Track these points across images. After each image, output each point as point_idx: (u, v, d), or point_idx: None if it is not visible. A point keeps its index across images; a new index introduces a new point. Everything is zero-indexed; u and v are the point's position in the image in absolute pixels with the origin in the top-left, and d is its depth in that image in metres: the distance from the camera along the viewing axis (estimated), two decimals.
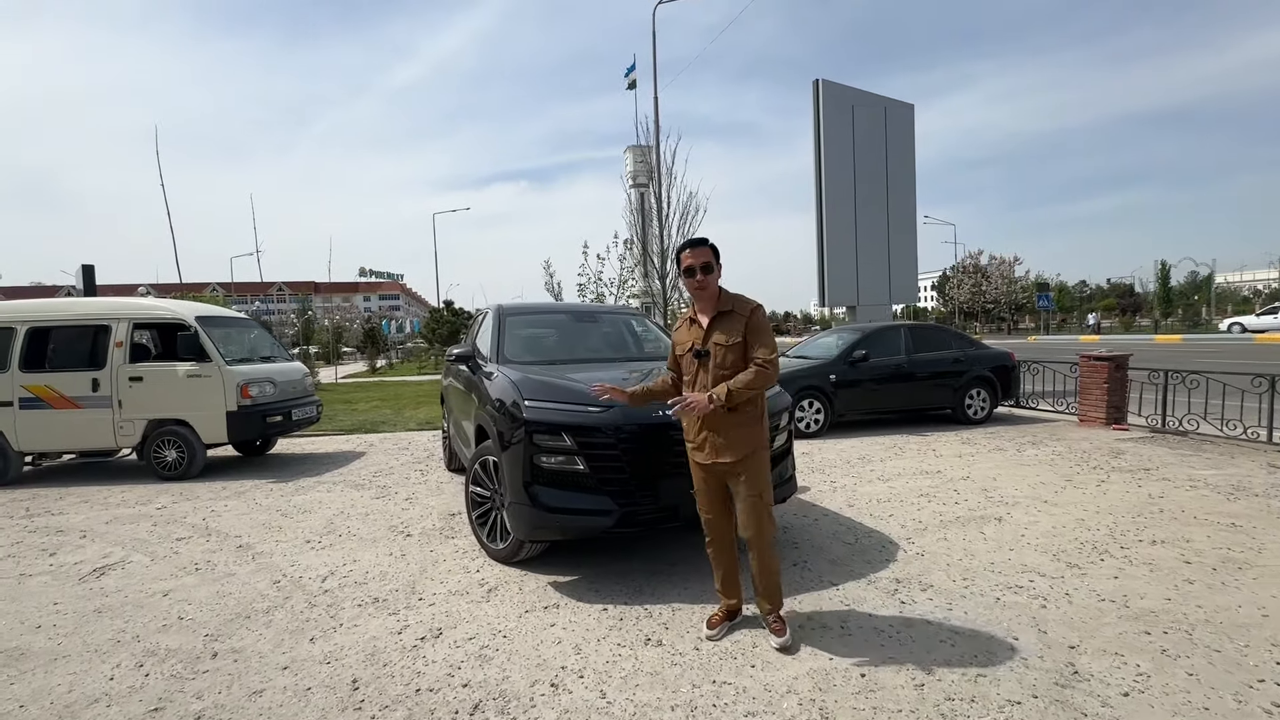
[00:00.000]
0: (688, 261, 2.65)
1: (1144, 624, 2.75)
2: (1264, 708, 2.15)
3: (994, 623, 2.81)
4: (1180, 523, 4.09)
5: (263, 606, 3.19)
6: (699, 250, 2.65)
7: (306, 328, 47.61)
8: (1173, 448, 6.44)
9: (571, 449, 3.19)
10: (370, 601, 3.22)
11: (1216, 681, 2.30)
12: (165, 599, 3.31)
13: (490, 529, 3.77)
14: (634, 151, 24.26)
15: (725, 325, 2.61)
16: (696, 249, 2.66)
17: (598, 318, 5.29)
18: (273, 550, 4.06)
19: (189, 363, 6.27)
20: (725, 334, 2.59)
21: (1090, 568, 3.40)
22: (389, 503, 5.17)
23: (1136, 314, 53.55)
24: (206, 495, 5.58)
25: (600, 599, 3.18)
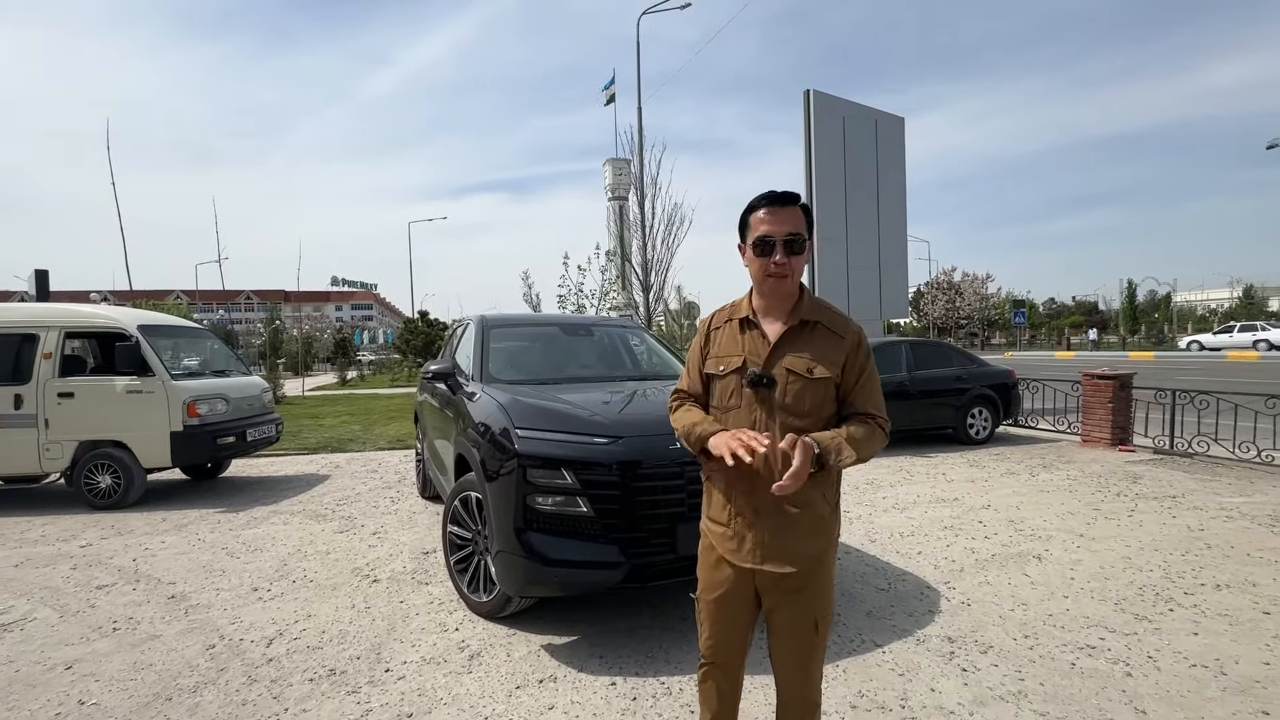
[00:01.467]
0: (762, 228, 1.55)
1: (1255, 700, 2.33)
2: None
3: (1079, 699, 2.36)
4: (1235, 561, 3.73)
5: (189, 683, 2.59)
6: (782, 211, 1.55)
7: (274, 337, 46.10)
8: (1188, 471, 6.17)
9: (573, 488, 2.67)
10: (325, 674, 2.64)
11: None
12: (67, 672, 2.69)
13: (471, 578, 3.22)
14: (613, 164, 24.03)
15: (808, 345, 1.57)
16: (778, 208, 1.55)
17: (591, 331, 4.78)
18: (211, 602, 3.44)
19: (128, 377, 5.58)
20: (807, 358, 1.55)
21: (1161, 620, 2.99)
22: (354, 538, 4.56)
23: (1103, 331, 54.83)
24: (142, 529, 4.89)
25: (607, 668, 2.65)
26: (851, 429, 1.52)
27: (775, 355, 1.58)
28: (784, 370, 1.56)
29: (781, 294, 1.60)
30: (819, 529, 1.58)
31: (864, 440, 1.51)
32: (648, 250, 16.19)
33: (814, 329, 1.59)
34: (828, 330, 1.59)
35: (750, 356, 1.60)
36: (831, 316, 1.62)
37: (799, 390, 1.55)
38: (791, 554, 1.56)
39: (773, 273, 1.56)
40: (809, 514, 1.55)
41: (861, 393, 1.58)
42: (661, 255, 16.37)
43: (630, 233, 17.63)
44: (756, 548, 1.58)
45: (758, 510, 1.57)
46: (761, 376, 1.55)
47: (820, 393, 1.55)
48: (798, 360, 1.56)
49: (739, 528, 1.61)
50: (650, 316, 16.25)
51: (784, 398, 1.55)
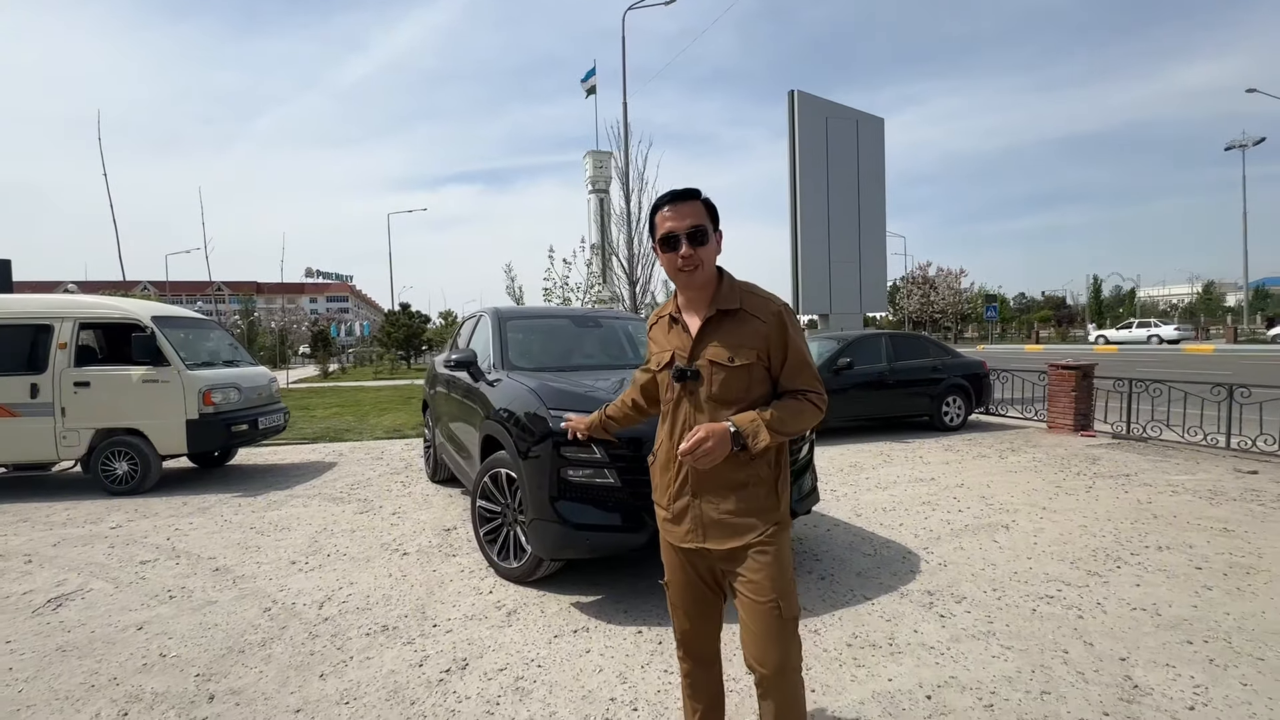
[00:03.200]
0: (666, 225, 1.61)
1: (1182, 633, 2.77)
2: None
3: (1038, 635, 2.78)
4: (1176, 528, 4.21)
5: (257, 639, 2.87)
6: (683, 206, 1.60)
7: (251, 330, 45.37)
8: (1141, 454, 6.72)
9: (602, 461, 3.01)
10: (379, 630, 2.95)
11: (1272, 691, 2.31)
12: (140, 633, 2.95)
13: (501, 547, 3.54)
14: (594, 156, 24.11)
15: (728, 333, 1.60)
16: (678, 204, 1.61)
17: (600, 323, 5.11)
18: (254, 573, 3.71)
19: (144, 367, 5.75)
20: (727, 347, 1.59)
21: (1109, 575, 3.43)
22: (375, 518, 4.84)
23: (1070, 325, 56.68)
24: (166, 512, 5.10)
25: (632, 620, 3.00)
26: (775, 409, 1.55)
27: (698, 347, 1.62)
28: (707, 362, 1.60)
29: (696, 286, 1.63)
30: (756, 505, 1.61)
31: (788, 417, 1.55)
32: (634, 245, 16.49)
33: (734, 316, 1.61)
34: (748, 315, 1.61)
35: (678, 351, 1.66)
36: (752, 300, 1.63)
37: (724, 380, 1.59)
38: (731, 531, 1.60)
39: (681, 266, 1.59)
40: (744, 493, 1.60)
41: (790, 370, 1.61)
42: (648, 249, 16.70)
43: (614, 226, 17.85)
44: (696, 527, 1.63)
45: (694, 491, 1.64)
46: (685, 370, 1.62)
47: (745, 379, 1.59)
48: (719, 350, 1.60)
49: (677, 510, 1.67)
50: (637, 310, 16.58)
51: (710, 388, 1.60)
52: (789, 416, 1.56)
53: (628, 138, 16.60)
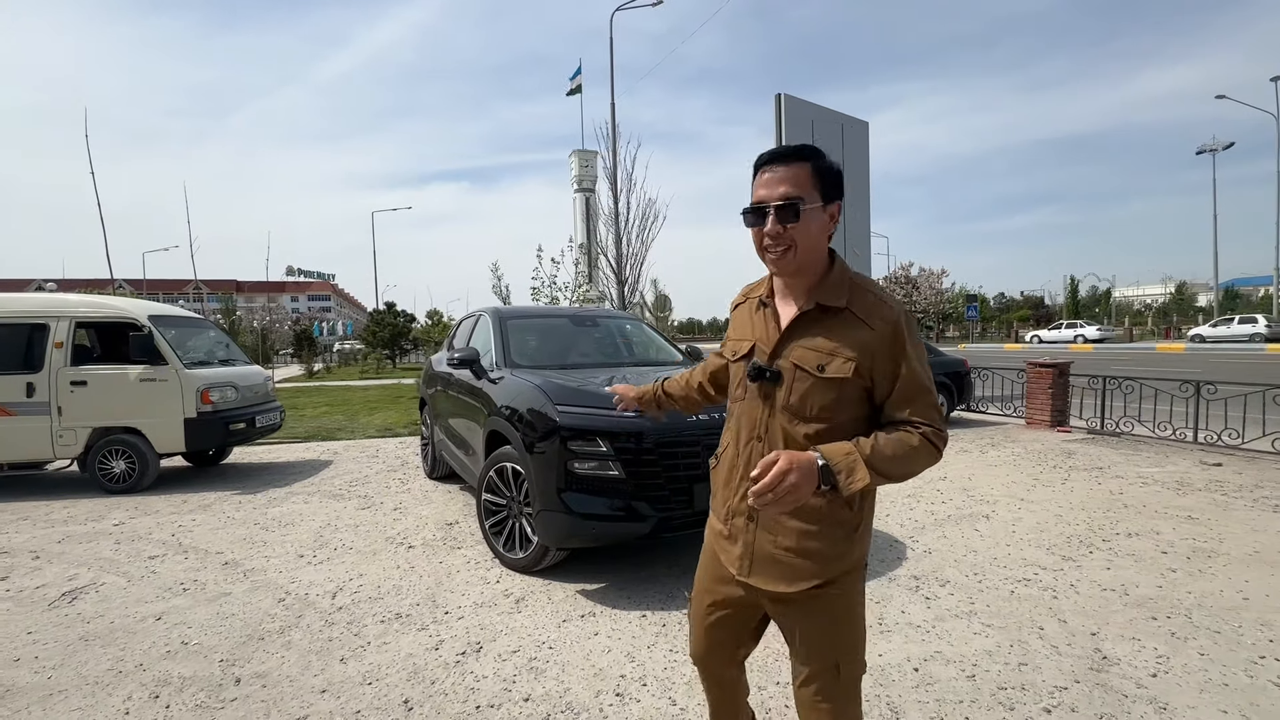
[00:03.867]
0: (757, 193, 1.31)
1: (1148, 610, 2.98)
2: (1272, 681, 2.38)
3: (1016, 614, 2.98)
4: (1145, 516, 4.46)
5: (275, 627, 2.98)
6: (781, 169, 1.28)
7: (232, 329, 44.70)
8: (1114, 448, 7.01)
9: (608, 454, 3.16)
10: (393, 617, 3.07)
11: (1226, 660, 2.53)
12: (159, 623, 3.04)
13: (507, 538, 3.67)
14: (580, 155, 24.15)
15: (825, 335, 1.29)
16: (776, 166, 1.29)
17: (597, 322, 5.25)
18: (264, 566, 3.80)
19: (142, 366, 5.78)
20: (819, 351, 1.28)
21: (1083, 560, 3.65)
22: (377, 513, 4.93)
23: (1048, 324, 57.78)
24: (167, 509, 5.15)
25: (636, 605, 3.15)
26: (879, 442, 1.21)
27: (784, 344, 1.32)
28: (791, 364, 1.30)
29: (787, 271, 1.31)
30: (824, 551, 1.29)
31: (894, 457, 1.20)
32: (622, 244, 16.63)
33: (836, 316, 1.28)
34: (854, 317, 1.27)
35: (760, 343, 1.37)
36: (864, 300, 1.28)
37: (806, 390, 1.28)
38: (786, 572, 1.31)
39: (766, 246, 1.29)
40: (815, 534, 1.29)
41: (901, 395, 1.26)
42: (636, 249, 16.85)
43: (602, 226, 17.98)
44: (746, 557, 1.36)
45: (752, 514, 1.35)
46: (764, 369, 1.32)
47: (833, 395, 1.26)
48: (809, 353, 1.28)
49: (734, 528, 1.40)
50: (625, 309, 16.72)
51: (788, 398, 1.29)
52: (897, 455, 1.20)
53: (615, 138, 16.71)
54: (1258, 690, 2.32)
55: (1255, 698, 2.27)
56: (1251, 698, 2.27)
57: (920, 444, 1.24)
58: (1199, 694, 2.30)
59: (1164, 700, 2.27)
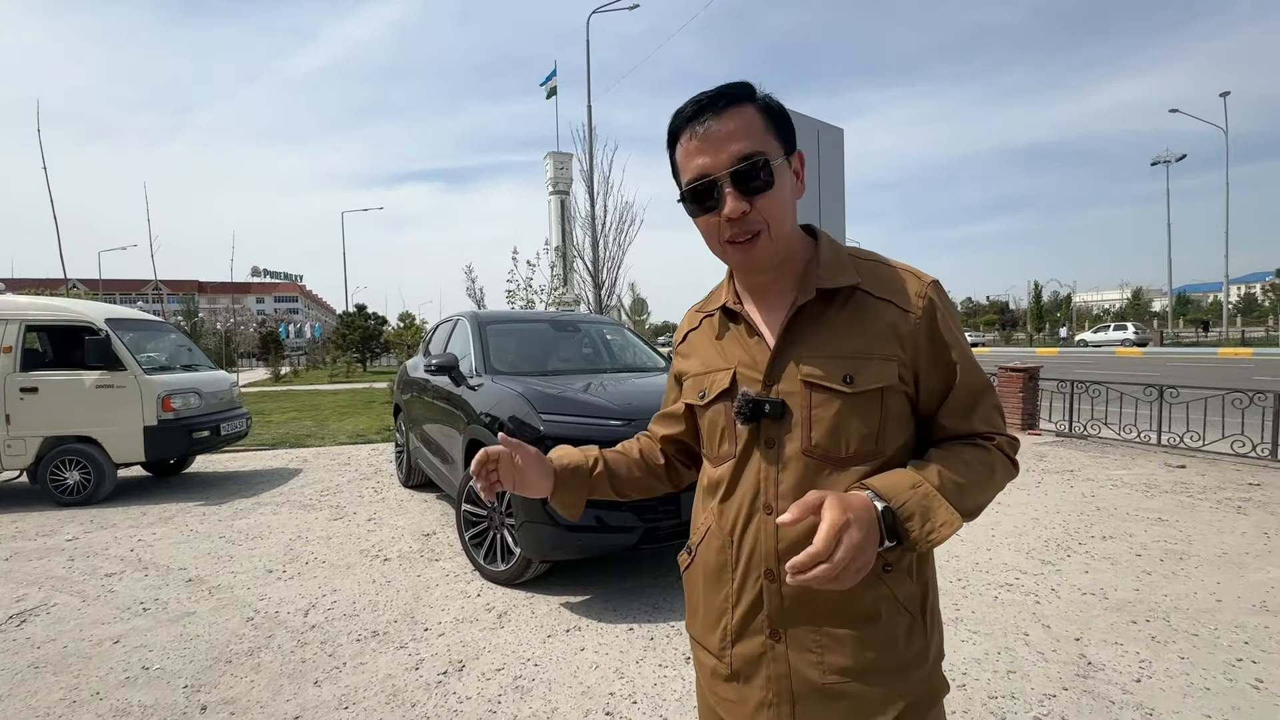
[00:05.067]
0: (694, 164, 0.85)
1: (1127, 614, 3.03)
2: (1250, 684, 2.42)
3: (1001, 620, 2.99)
4: (1117, 519, 4.56)
5: (243, 648, 2.83)
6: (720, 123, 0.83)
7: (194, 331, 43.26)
8: (1083, 450, 7.18)
9: None
10: (369, 635, 2.95)
11: (1205, 663, 2.57)
12: (117, 646, 2.86)
13: (488, 550, 3.57)
14: (555, 158, 24.04)
15: (838, 332, 0.88)
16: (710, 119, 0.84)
17: (578, 327, 5.18)
18: (230, 583, 3.63)
19: (98, 371, 5.50)
20: (839, 356, 0.86)
21: (1061, 564, 3.70)
22: (350, 524, 4.77)
23: (1013, 328, 59.45)
24: (125, 523, 4.90)
25: (622, 618, 3.08)
26: (947, 464, 0.83)
27: (781, 360, 0.90)
28: (800, 385, 0.88)
29: (763, 264, 0.91)
30: (893, 656, 0.86)
31: (972, 481, 0.83)
32: (599, 248, 16.55)
33: (847, 302, 0.89)
34: (872, 299, 0.89)
35: (743, 368, 0.93)
36: (878, 273, 0.91)
37: (833, 418, 0.86)
38: (847, 704, 0.85)
39: (729, 236, 0.87)
40: (873, 630, 0.86)
41: (959, 400, 0.90)
42: (614, 252, 16.80)
43: (578, 229, 17.85)
44: (781, 700, 0.87)
45: (775, 629, 0.88)
46: (761, 402, 0.88)
47: (874, 415, 0.87)
48: (825, 362, 0.87)
49: (740, 660, 0.91)
50: (603, 312, 16.63)
51: (807, 433, 0.87)
52: (975, 480, 0.84)
53: (592, 141, 16.66)
54: (1237, 693, 2.36)
55: (1236, 701, 2.31)
56: (1232, 701, 2.30)
57: (1000, 462, 0.88)
58: (1183, 698, 2.33)
59: (1150, 705, 2.29)
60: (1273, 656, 2.60)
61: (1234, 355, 22.80)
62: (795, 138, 0.90)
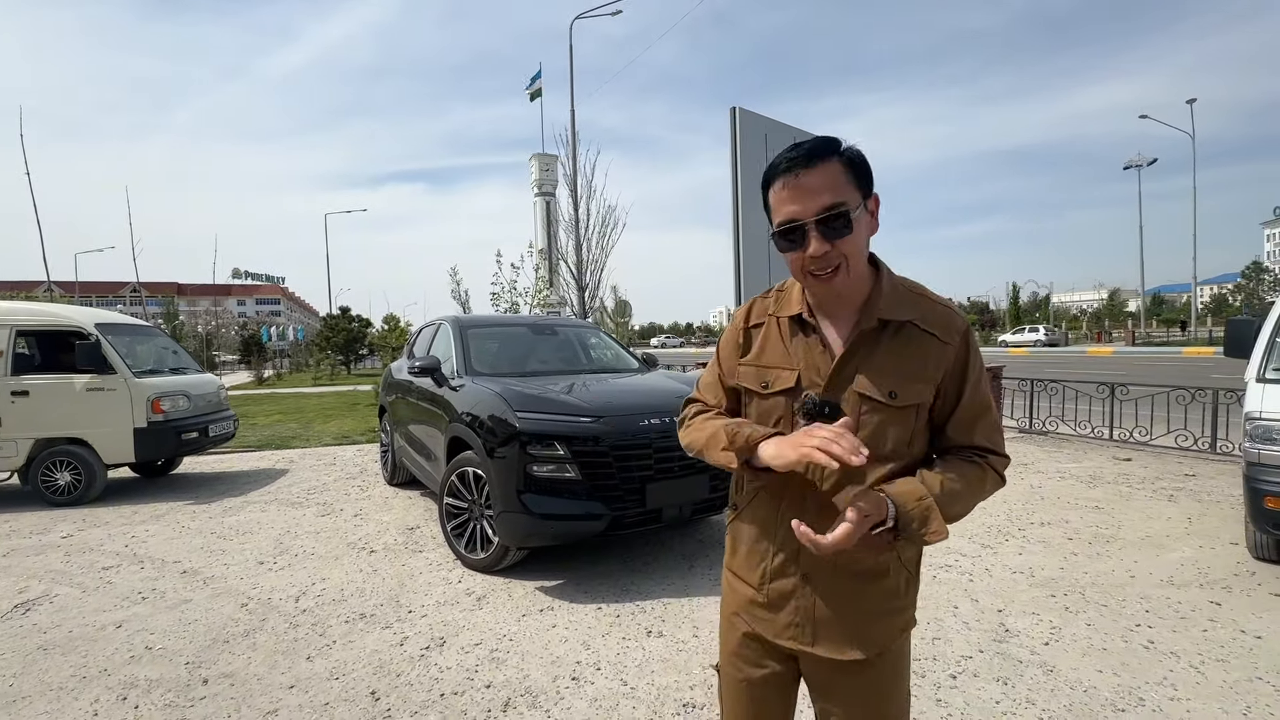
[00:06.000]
0: (785, 210, 1.06)
1: (1049, 589, 3.35)
2: (1142, 644, 2.74)
3: (936, 596, 3.30)
4: (1058, 507, 4.91)
5: (239, 630, 3.06)
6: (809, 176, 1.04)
7: (174, 334, 42.77)
8: (1040, 445, 7.57)
9: (565, 457, 3.35)
10: (357, 617, 3.18)
11: (1108, 628, 2.89)
12: (120, 630, 3.08)
13: (468, 540, 3.82)
14: (540, 159, 24.17)
15: (893, 355, 1.11)
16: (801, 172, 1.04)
17: (556, 330, 5.43)
18: (224, 574, 3.84)
19: (88, 375, 5.66)
20: (890, 376, 1.10)
21: (999, 546, 4.03)
22: (338, 520, 4.99)
23: (992, 329, 60.51)
24: (117, 521, 5.08)
25: (592, 599, 3.35)
26: (948, 477, 1.07)
27: (842, 372, 1.11)
28: (855, 395, 1.09)
29: (838, 293, 1.11)
30: (893, 603, 1.15)
31: (966, 492, 1.08)
32: (582, 250, 16.80)
33: (899, 331, 1.11)
34: (920, 331, 1.10)
35: (807, 373, 1.13)
36: (931, 311, 1.12)
37: (879, 424, 1.09)
38: (855, 635, 1.13)
39: (812, 270, 1.06)
40: (881, 584, 1.14)
41: (965, 418, 1.12)
42: (596, 255, 17.05)
43: (561, 230, 18.06)
44: (804, 623, 1.15)
45: (807, 573, 1.15)
46: (823, 404, 1.08)
47: (909, 426, 1.10)
48: (875, 380, 1.09)
49: (776, 593, 1.18)
50: (586, 315, 16.88)
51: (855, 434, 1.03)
52: (966, 490, 1.08)
53: (575, 145, 16.89)
54: (1130, 652, 2.68)
55: (1127, 659, 2.62)
56: (1124, 659, 2.62)
57: (990, 478, 1.12)
58: (1081, 657, 2.64)
59: (1052, 664, 2.60)
60: (1167, 622, 2.94)
61: (1198, 354, 23.58)
62: (873, 182, 1.09)
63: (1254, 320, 4.03)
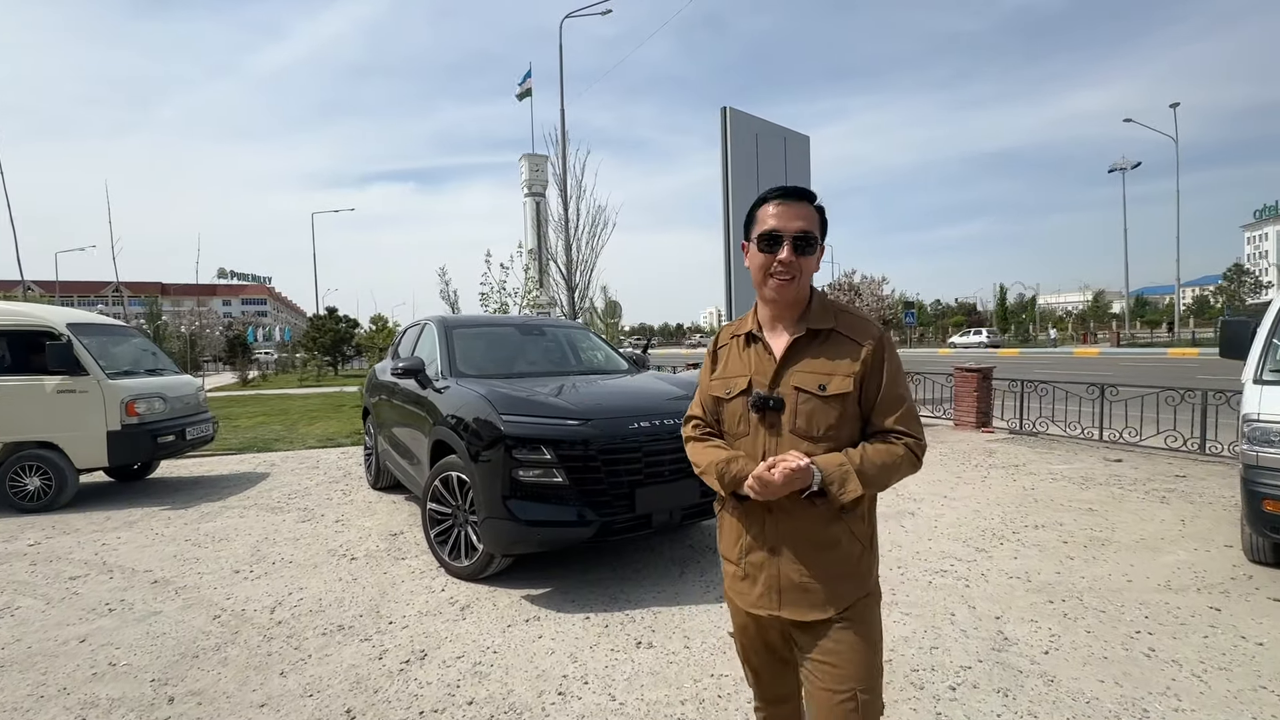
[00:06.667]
0: (770, 221, 1.39)
1: (1046, 595, 3.29)
2: (1143, 652, 2.68)
3: (933, 602, 3.23)
4: (1052, 510, 4.86)
5: (210, 644, 2.92)
6: (794, 206, 1.40)
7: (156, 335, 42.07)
8: (1031, 447, 7.55)
9: (552, 462, 3.24)
10: (335, 629, 3.06)
11: (1108, 636, 2.83)
12: (83, 645, 2.93)
13: (452, 547, 3.70)
14: (530, 160, 24.03)
15: (819, 356, 1.39)
16: (790, 202, 1.40)
17: (544, 331, 5.32)
18: (197, 584, 3.69)
19: (59, 376, 5.47)
20: (818, 373, 1.38)
21: (994, 550, 3.97)
22: (318, 526, 4.84)
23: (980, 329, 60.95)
24: (88, 528, 4.90)
25: (579, 608, 3.24)
26: (870, 453, 1.33)
27: (782, 371, 1.40)
28: (792, 389, 1.38)
29: (787, 299, 1.41)
30: (848, 570, 1.37)
31: (881, 466, 1.32)
32: (572, 250, 16.67)
33: (827, 338, 1.40)
34: (843, 337, 1.40)
35: (756, 376, 1.42)
36: (848, 321, 1.43)
37: (811, 411, 1.36)
38: (814, 598, 1.35)
39: (776, 271, 1.38)
40: (835, 553, 1.36)
41: (885, 405, 1.37)
42: (586, 256, 16.92)
43: (551, 231, 17.92)
44: (771, 590, 1.39)
45: (773, 547, 1.39)
46: (768, 398, 1.38)
47: (837, 412, 1.36)
48: (808, 376, 1.38)
49: (750, 566, 1.42)
50: (576, 315, 16.74)
51: (794, 419, 1.36)
52: (884, 465, 1.33)
53: (565, 144, 16.76)
54: (1131, 661, 2.61)
55: (1129, 668, 2.56)
56: (1125, 668, 2.56)
57: (904, 454, 1.36)
58: (1083, 667, 2.58)
59: (1053, 674, 2.53)
60: (1166, 629, 2.88)
61: (1182, 355, 23.85)
62: (827, 232, 1.46)
63: (1250, 321, 4.00)
